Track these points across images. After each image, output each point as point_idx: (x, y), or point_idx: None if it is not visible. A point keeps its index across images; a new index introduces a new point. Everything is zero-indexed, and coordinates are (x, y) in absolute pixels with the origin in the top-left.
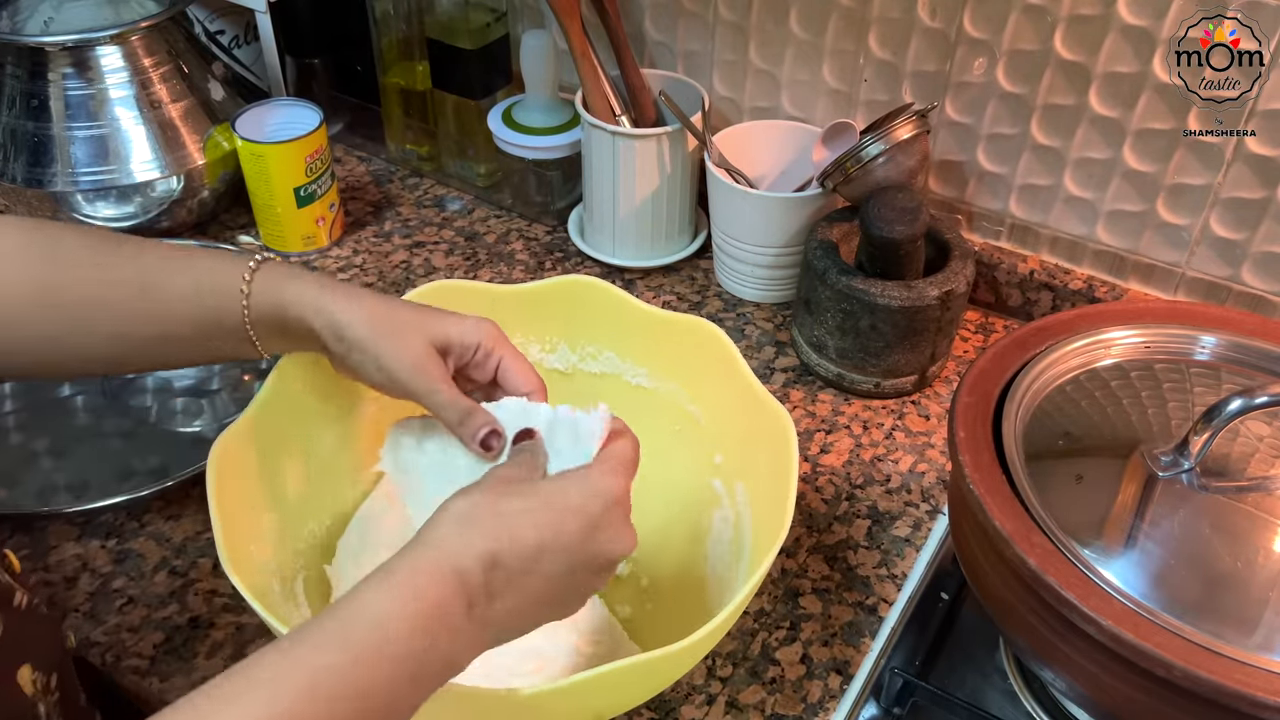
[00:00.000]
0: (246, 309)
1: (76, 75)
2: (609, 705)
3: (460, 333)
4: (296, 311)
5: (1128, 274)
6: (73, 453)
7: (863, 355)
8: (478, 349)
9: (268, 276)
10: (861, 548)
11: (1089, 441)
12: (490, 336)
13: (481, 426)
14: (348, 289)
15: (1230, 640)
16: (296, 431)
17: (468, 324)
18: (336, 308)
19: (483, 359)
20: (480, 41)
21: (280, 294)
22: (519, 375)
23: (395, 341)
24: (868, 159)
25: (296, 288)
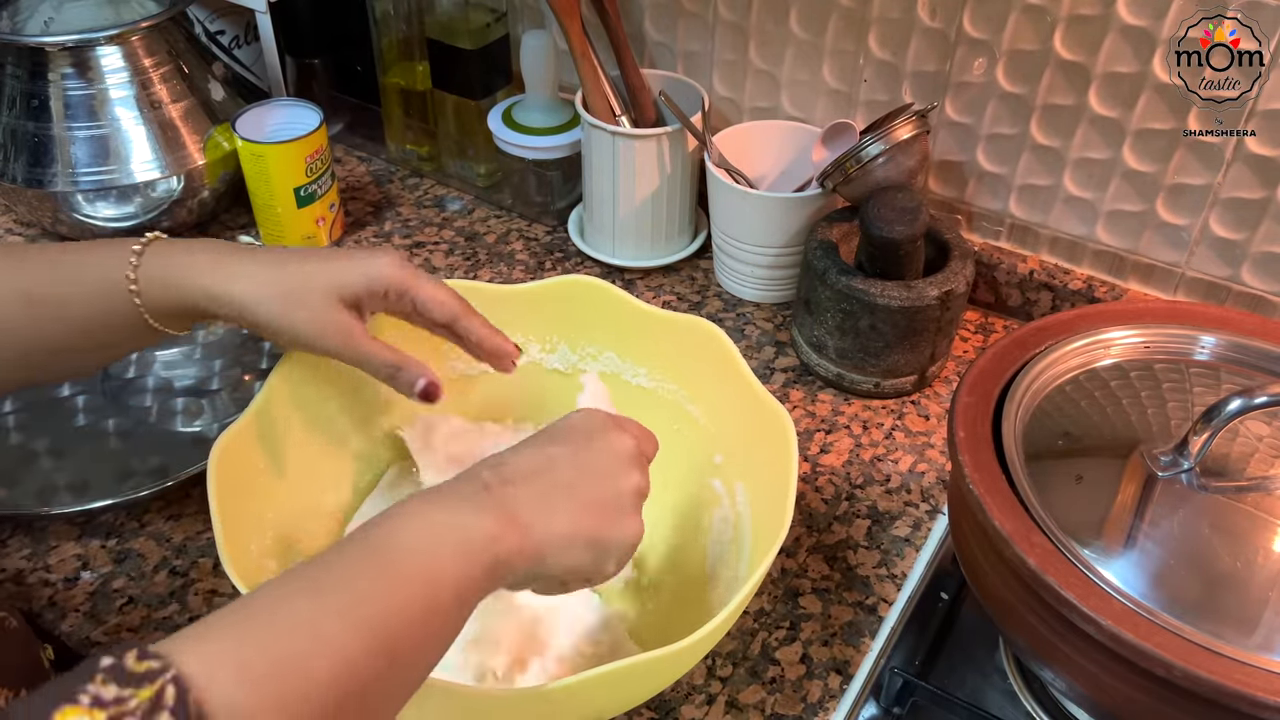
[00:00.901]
0: (140, 304)
1: (77, 75)
2: (609, 705)
3: (366, 282)
4: (194, 299)
5: (1128, 274)
6: (73, 453)
7: (863, 355)
8: (387, 293)
9: (155, 263)
10: (861, 548)
11: (1089, 441)
12: (395, 278)
13: (416, 379)
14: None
15: (1230, 640)
16: (297, 431)
17: (372, 269)
18: (237, 290)
19: (395, 299)
20: (480, 41)
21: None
22: (437, 307)
23: (305, 312)
24: (868, 159)
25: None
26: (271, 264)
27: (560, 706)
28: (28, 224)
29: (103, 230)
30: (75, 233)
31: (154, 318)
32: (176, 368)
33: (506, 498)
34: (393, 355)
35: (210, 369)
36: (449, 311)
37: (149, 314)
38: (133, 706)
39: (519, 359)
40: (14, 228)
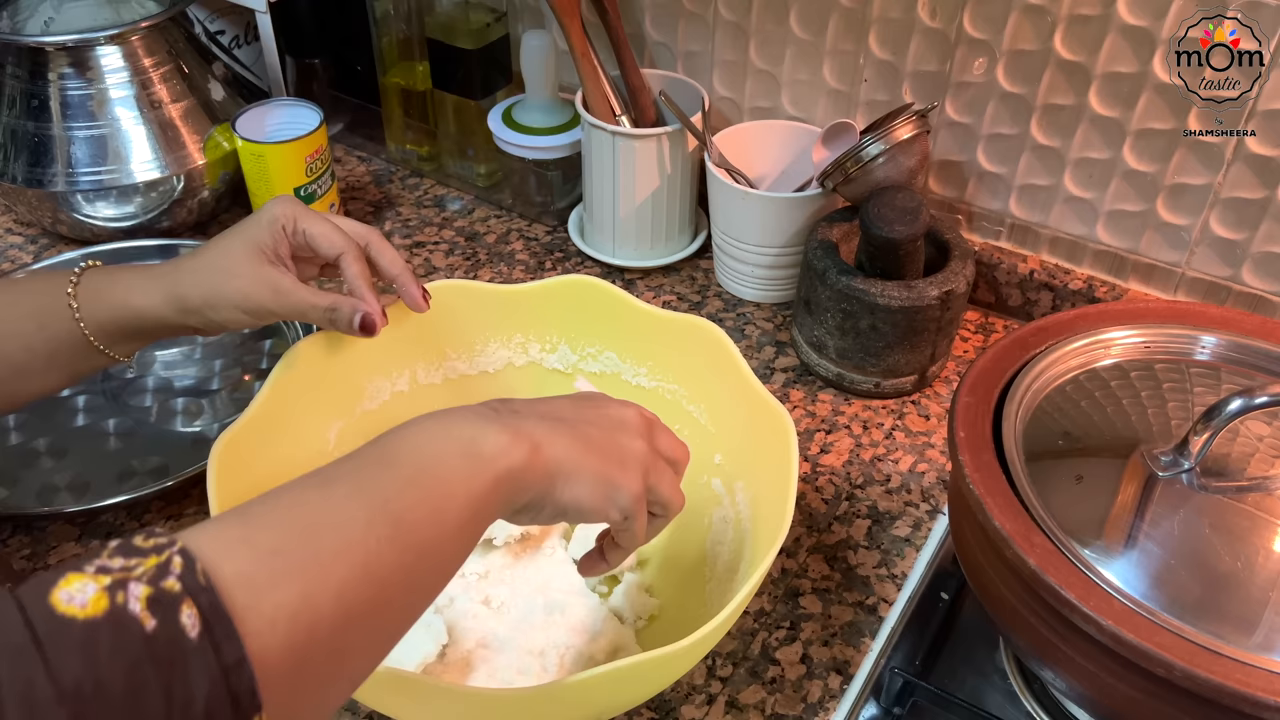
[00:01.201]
0: (82, 325)
1: (76, 75)
2: (609, 705)
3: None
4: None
5: (1128, 274)
6: (73, 453)
7: (863, 355)
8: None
9: (92, 279)
10: (861, 548)
11: (1089, 441)
12: (285, 211)
13: (353, 313)
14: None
15: (1230, 640)
16: (297, 431)
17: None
18: (168, 281)
19: (293, 235)
20: (480, 41)
21: (110, 293)
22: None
23: (235, 281)
24: (868, 159)
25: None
26: (193, 255)
27: (561, 706)
28: (27, 224)
29: (103, 230)
30: (75, 233)
31: (95, 336)
32: (176, 368)
33: (515, 421)
34: (326, 298)
35: (210, 369)
36: (334, 250)
37: (90, 332)
38: (139, 573)
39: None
40: (14, 228)
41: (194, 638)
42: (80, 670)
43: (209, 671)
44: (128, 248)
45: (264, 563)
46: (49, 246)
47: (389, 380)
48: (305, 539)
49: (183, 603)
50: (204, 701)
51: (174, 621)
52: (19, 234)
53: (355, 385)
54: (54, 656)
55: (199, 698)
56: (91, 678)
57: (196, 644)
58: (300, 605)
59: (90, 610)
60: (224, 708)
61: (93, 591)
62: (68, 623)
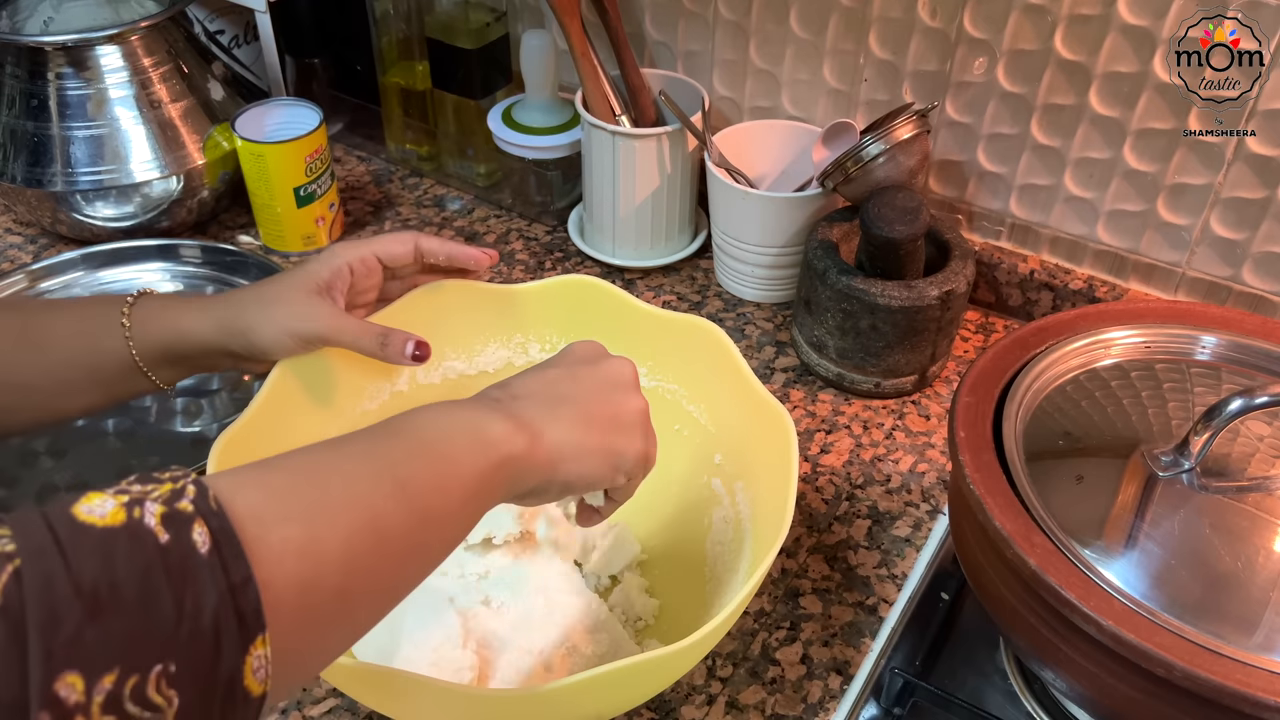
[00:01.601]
0: (131, 344)
1: (76, 75)
2: (609, 705)
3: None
4: (183, 327)
5: (1128, 274)
6: (73, 453)
7: (863, 355)
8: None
9: (146, 309)
10: (861, 548)
11: (1089, 441)
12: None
13: (405, 342)
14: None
15: (1231, 640)
16: (296, 431)
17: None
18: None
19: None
20: (480, 41)
21: (168, 324)
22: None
23: (284, 307)
24: (868, 159)
25: (177, 306)
26: (248, 287)
27: (560, 707)
28: (27, 224)
29: (102, 230)
30: (74, 232)
31: (142, 357)
32: None
33: (516, 408)
34: (380, 327)
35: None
36: (404, 242)
37: (138, 353)
38: (155, 495)
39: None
40: (13, 227)
41: (204, 554)
42: (97, 571)
43: (217, 586)
44: (128, 248)
45: (275, 501)
46: (48, 246)
47: (388, 380)
48: (316, 487)
49: (194, 522)
50: (211, 613)
51: (185, 538)
52: (18, 234)
53: (355, 385)
54: (73, 557)
55: (207, 609)
56: (107, 579)
57: (206, 559)
58: (307, 543)
59: (109, 520)
60: (230, 622)
61: (111, 506)
62: (87, 529)
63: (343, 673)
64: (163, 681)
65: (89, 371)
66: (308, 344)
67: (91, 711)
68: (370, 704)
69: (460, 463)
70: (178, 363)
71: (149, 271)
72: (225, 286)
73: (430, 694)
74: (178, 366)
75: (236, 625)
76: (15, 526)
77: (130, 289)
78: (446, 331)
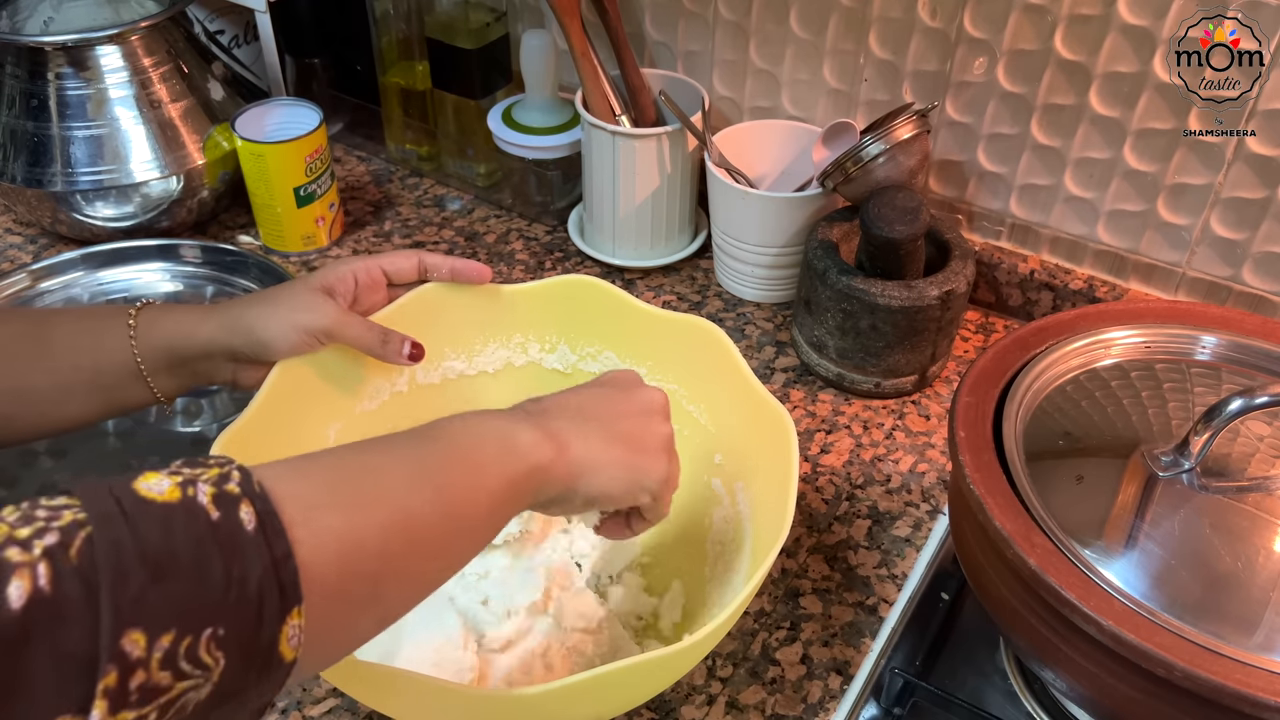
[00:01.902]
0: (135, 348)
1: (76, 75)
2: (609, 705)
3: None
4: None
5: (1128, 274)
6: (73, 453)
7: (863, 355)
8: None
9: (152, 313)
10: (862, 548)
11: (1089, 441)
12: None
13: (403, 342)
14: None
15: (1231, 640)
16: (296, 431)
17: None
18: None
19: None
20: (480, 41)
21: (170, 327)
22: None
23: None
24: (868, 159)
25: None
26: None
27: (561, 707)
28: (27, 224)
29: (102, 230)
30: (75, 232)
31: (145, 362)
32: None
33: (545, 421)
34: (381, 326)
35: None
36: (409, 256)
37: (141, 357)
38: (204, 477)
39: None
40: (13, 227)
41: (250, 530)
42: (159, 540)
43: (261, 560)
44: (127, 248)
45: (316, 490)
46: (48, 246)
47: (388, 380)
48: (355, 481)
49: (241, 502)
50: (256, 583)
51: (234, 515)
52: (18, 234)
53: (354, 385)
54: (138, 526)
55: (252, 579)
56: (167, 547)
57: (252, 536)
58: (345, 531)
59: (166, 496)
60: (272, 591)
61: (167, 485)
62: (149, 503)
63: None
64: (212, 644)
65: (91, 375)
66: (312, 338)
67: (151, 667)
68: (370, 704)
69: (490, 469)
70: (179, 366)
71: (149, 271)
72: (225, 286)
73: (430, 694)
74: (178, 372)
75: (278, 595)
76: (83, 496)
77: (130, 289)
78: (446, 331)
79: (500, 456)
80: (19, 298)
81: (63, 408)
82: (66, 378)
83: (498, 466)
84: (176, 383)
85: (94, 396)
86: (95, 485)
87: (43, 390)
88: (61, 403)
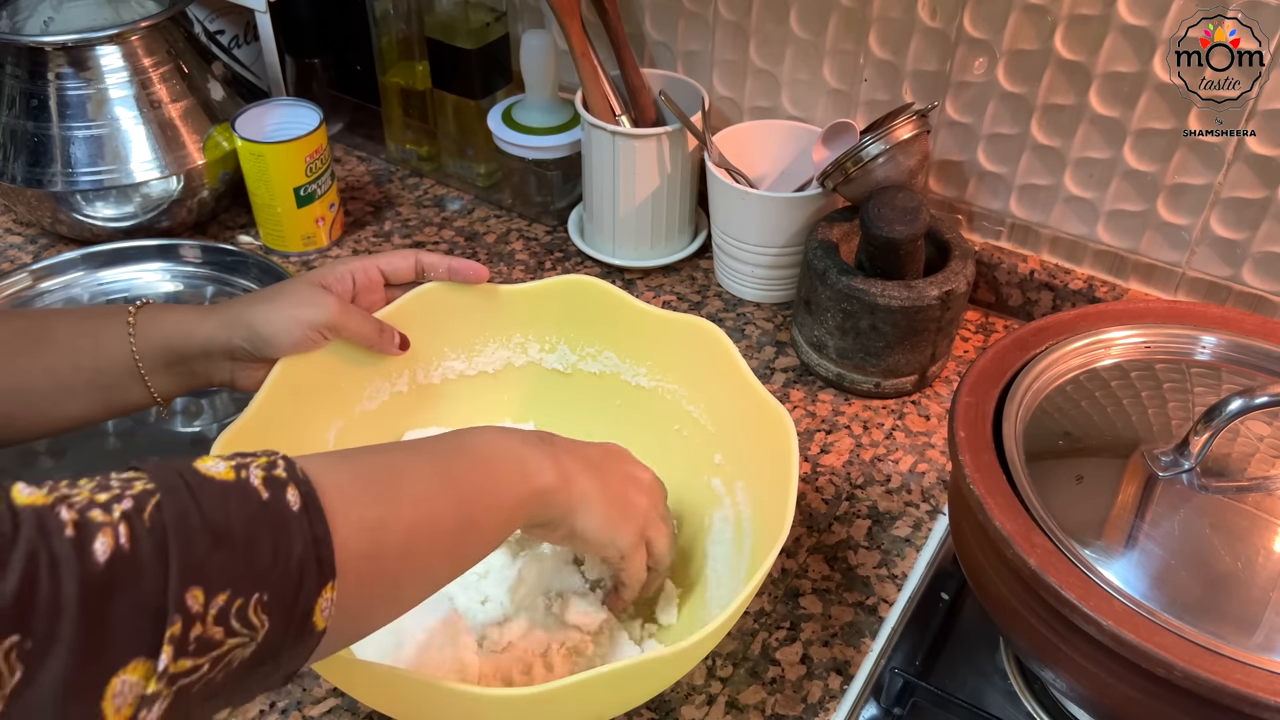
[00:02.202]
0: (134, 346)
1: (76, 75)
2: (609, 705)
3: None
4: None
5: (1128, 274)
6: (72, 452)
7: (863, 355)
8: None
9: (151, 312)
10: (862, 548)
11: (1089, 441)
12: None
13: (394, 335)
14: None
15: (1231, 640)
16: (296, 430)
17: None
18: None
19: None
20: (480, 41)
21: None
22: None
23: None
24: (868, 159)
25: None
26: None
27: (561, 707)
28: (27, 224)
29: (102, 230)
30: (75, 232)
31: (143, 361)
32: None
33: (556, 453)
34: (376, 320)
35: None
36: (406, 256)
37: (140, 355)
38: (255, 464)
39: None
40: (13, 227)
41: (295, 510)
42: (218, 513)
43: (303, 537)
44: (127, 248)
45: (352, 483)
46: (48, 246)
47: (388, 380)
48: (387, 480)
49: (288, 486)
50: (298, 558)
51: (281, 497)
52: (18, 234)
53: (354, 385)
54: (201, 498)
55: (295, 554)
56: (225, 520)
57: (297, 515)
58: (376, 523)
59: (224, 475)
60: (311, 566)
61: (223, 466)
62: (208, 480)
63: (343, 672)
64: (259, 607)
65: (90, 375)
66: (315, 332)
67: (208, 621)
68: (370, 703)
69: (505, 484)
70: (177, 365)
71: (149, 271)
72: (225, 286)
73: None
74: (177, 371)
75: (316, 570)
76: (150, 470)
77: (130, 289)
78: (446, 331)
79: (516, 475)
80: (19, 298)
81: (61, 407)
82: (66, 377)
83: (512, 484)
84: (174, 382)
85: (93, 396)
86: (161, 463)
87: (42, 389)
88: (60, 402)
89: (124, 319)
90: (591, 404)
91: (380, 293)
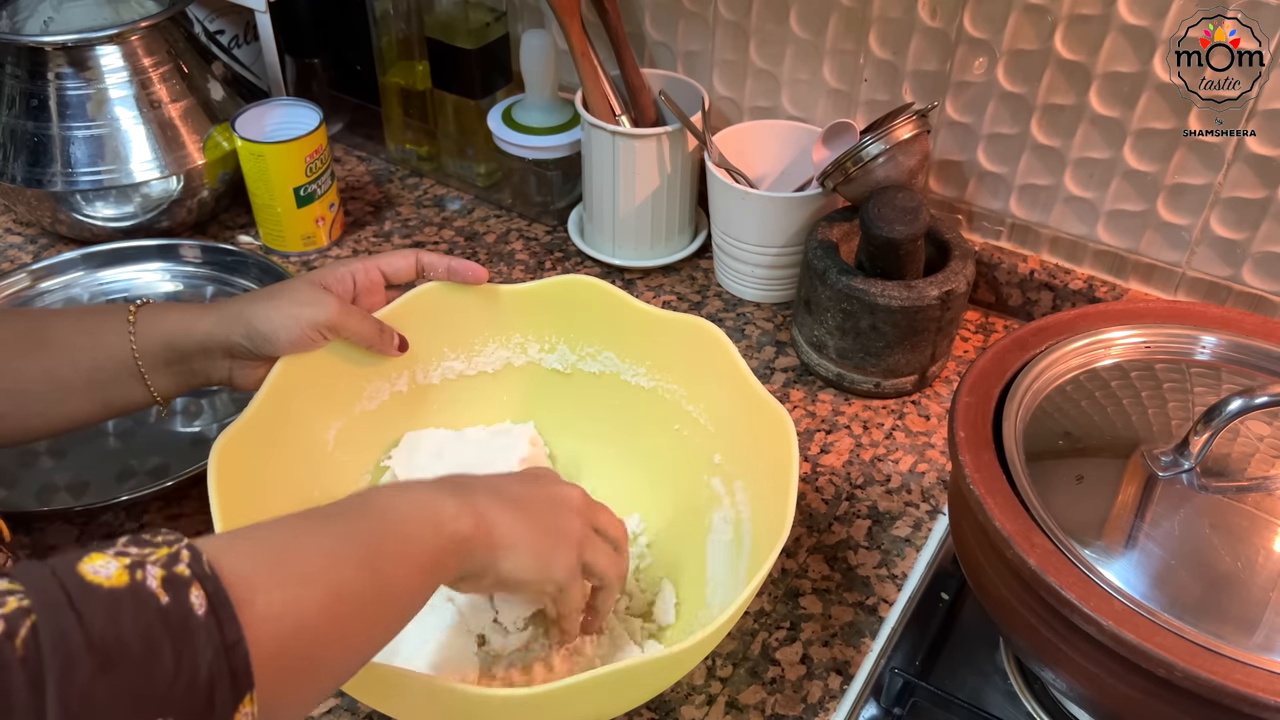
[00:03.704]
0: (134, 344)
1: (76, 75)
2: (609, 705)
3: (335, 272)
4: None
5: (1128, 274)
6: (73, 453)
7: (863, 355)
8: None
9: (151, 310)
10: (861, 548)
11: (1089, 441)
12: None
13: (394, 335)
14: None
15: (1231, 640)
16: (296, 430)
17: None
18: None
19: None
20: (480, 41)
21: (170, 323)
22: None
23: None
24: (868, 159)
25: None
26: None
27: (561, 707)
28: (27, 224)
29: (102, 230)
30: (74, 232)
31: (143, 359)
32: None
33: (469, 495)
34: (376, 320)
35: None
36: (407, 256)
37: (139, 353)
38: (153, 558)
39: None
40: (13, 227)
41: (201, 615)
42: (106, 628)
43: (213, 645)
44: (127, 248)
45: (262, 568)
46: (48, 246)
47: (388, 380)
48: (295, 559)
49: (191, 585)
50: (207, 670)
51: (184, 600)
52: (18, 234)
53: (354, 385)
54: (85, 614)
55: (203, 666)
56: (115, 635)
57: (203, 620)
58: (287, 608)
59: (114, 581)
60: (223, 679)
61: (115, 568)
62: (95, 589)
63: None
64: None
65: (89, 373)
66: (316, 331)
67: None
68: (370, 703)
69: (417, 541)
70: (176, 363)
71: (149, 271)
72: (225, 286)
73: (430, 694)
74: (176, 369)
75: (230, 682)
76: (25, 581)
77: (130, 289)
78: (446, 331)
79: (425, 528)
80: (19, 298)
81: (61, 407)
82: (65, 376)
83: (423, 538)
84: (174, 381)
85: (92, 395)
86: (38, 569)
87: (41, 389)
88: (59, 402)
89: (124, 317)
90: (591, 404)
91: (381, 294)
